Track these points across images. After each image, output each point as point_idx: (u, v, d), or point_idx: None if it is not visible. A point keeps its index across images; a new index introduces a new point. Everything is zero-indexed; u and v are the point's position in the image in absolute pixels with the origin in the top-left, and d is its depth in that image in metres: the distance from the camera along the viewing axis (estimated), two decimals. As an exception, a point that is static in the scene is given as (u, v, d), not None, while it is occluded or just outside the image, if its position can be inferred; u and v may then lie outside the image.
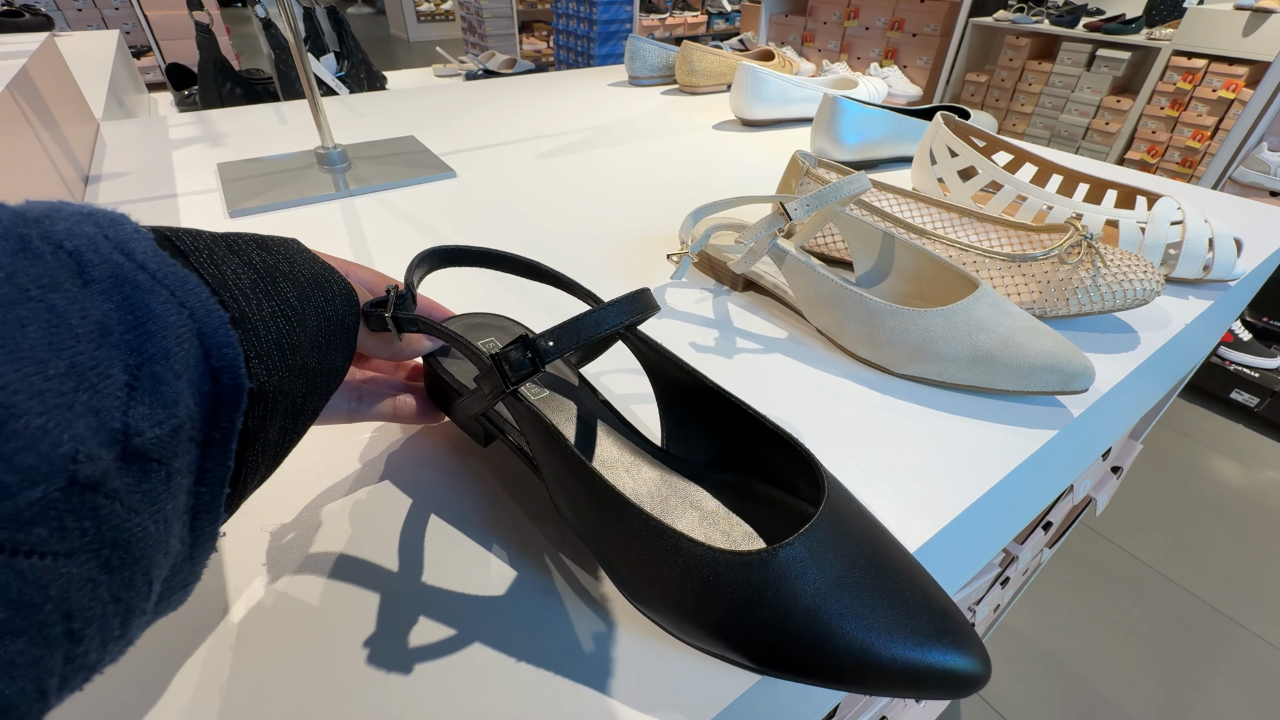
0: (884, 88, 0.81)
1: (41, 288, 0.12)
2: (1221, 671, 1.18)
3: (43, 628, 0.11)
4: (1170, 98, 2.47)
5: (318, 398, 0.20)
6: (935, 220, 0.45)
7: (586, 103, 0.89)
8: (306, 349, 0.19)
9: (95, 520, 0.12)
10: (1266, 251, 0.52)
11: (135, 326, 0.13)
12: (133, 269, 0.14)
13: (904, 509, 0.27)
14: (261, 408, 0.17)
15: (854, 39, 2.54)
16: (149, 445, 0.13)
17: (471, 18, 5.47)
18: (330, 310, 0.20)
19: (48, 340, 0.12)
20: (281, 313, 0.18)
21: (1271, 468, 1.63)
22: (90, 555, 0.12)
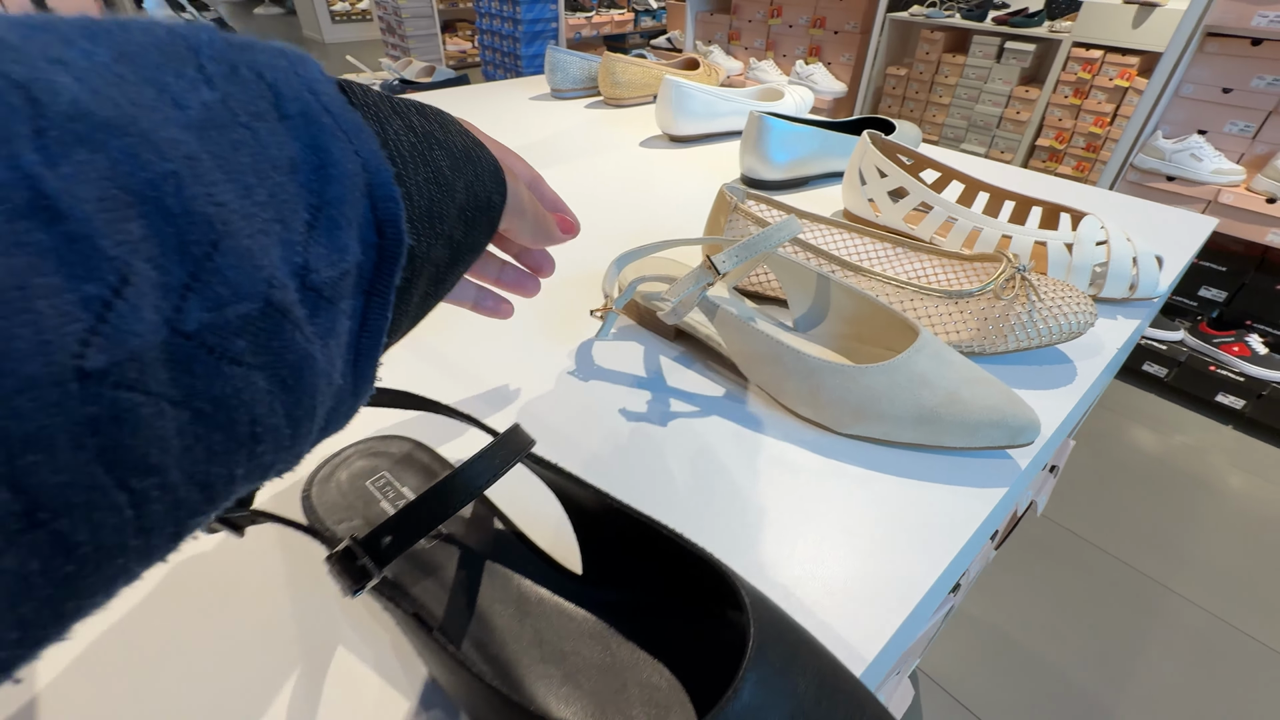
0: (809, 97, 0.80)
1: (249, 115, 0.12)
2: (1154, 633, 1.25)
3: (235, 426, 0.12)
4: (1073, 87, 2.62)
5: (459, 269, 0.20)
6: (869, 251, 0.43)
7: (506, 119, 0.84)
8: (454, 219, 0.19)
9: (280, 341, 0.13)
10: (1178, 255, 0.53)
11: (318, 168, 0.14)
12: (319, 110, 0.14)
13: (855, 606, 0.25)
14: (410, 269, 0.17)
15: (779, 36, 2.57)
16: (322, 283, 0.14)
17: (390, 18, 5.25)
18: (479, 186, 0.20)
19: (254, 167, 0.12)
20: (435, 179, 0.18)
21: (1180, 433, 1.75)
22: (272, 372, 0.13)
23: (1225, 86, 1.59)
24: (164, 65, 0.12)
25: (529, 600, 0.22)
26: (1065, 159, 2.79)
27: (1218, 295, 1.78)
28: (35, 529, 0.09)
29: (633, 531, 0.22)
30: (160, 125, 0.11)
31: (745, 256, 0.31)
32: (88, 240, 0.09)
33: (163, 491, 0.11)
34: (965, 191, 0.53)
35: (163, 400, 0.11)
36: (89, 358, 0.09)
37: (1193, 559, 1.40)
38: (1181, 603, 1.31)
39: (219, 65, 0.12)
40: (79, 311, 0.09)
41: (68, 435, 0.09)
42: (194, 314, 0.11)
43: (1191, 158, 1.62)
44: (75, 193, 0.09)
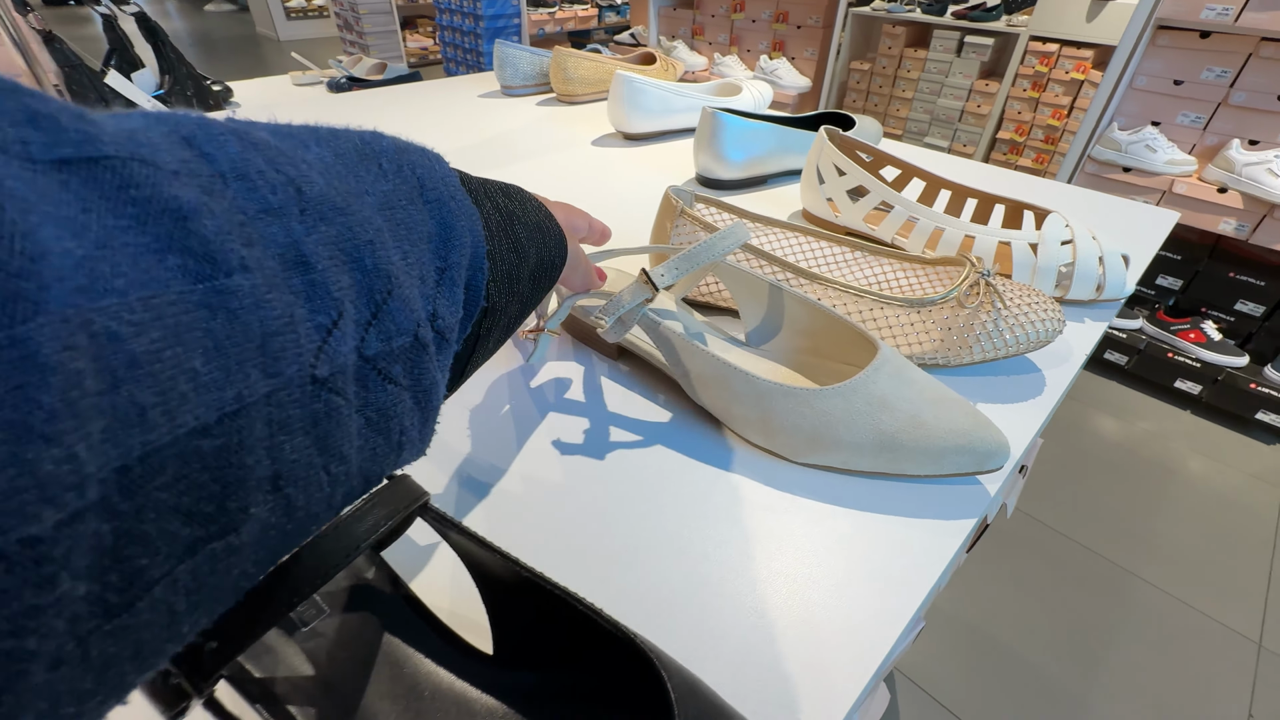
0: (769, 92, 0.78)
1: (407, 200, 0.17)
2: (1124, 621, 1.26)
3: (390, 432, 0.15)
4: (1031, 80, 2.66)
5: (523, 317, 0.24)
6: (827, 256, 0.41)
7: (453, 118, 0.79)
8: (526, 280, 0.22)
9: (420, 368, 0.16)
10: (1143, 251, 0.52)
11: (445, 239, 0.18)
12: (449, 195, 0.18)
13: (814, 663, 0.22)
14: (490, 321, 0.21)
15: (742, 31, 2.55)
16: (445, 327, 0.17)
17: (347, 14, 5.11)
18: (546, 252, 0.24)
19: (409, 237, 0.16)
20: (514, 249, 0.22)
21: (1143, 419, 1.78)
22: (415, 391, 0.16)
23: (1176, 79, 1.62)
24: (360, 164, 0.16)
25: (423, 691, 0.19)
26: (1025, 151, 2.84)
27: (1174, 283, 1.82)
28: (277, 492, 0.12)
29: (547, 605, 0.19)
30: (362, 208, 0.15)
31: (687, 269, 0.28)
32: (323, 286, 0.13)
33: (346, 478, 0.14)
34: (927, 189, 0.51)
35: (352, 409, 0.14)
36: (319, 367, 0.13)
37: (1158, 545, 1.42)
38: (1148, 588, 1.32)
39: (391, 163, 0.17)
40: (315, 335, 0.13)
41: (302, 424, 0.12)
42: (373, 343, 0.14)
43: (1146, 149, 1.65)
44: (318, 253, 0.13)
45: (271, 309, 0.11)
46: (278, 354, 0.11)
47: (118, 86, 0.83)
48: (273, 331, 0.11)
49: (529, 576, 0.18)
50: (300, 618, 0.20)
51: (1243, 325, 1.75)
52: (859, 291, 0.35)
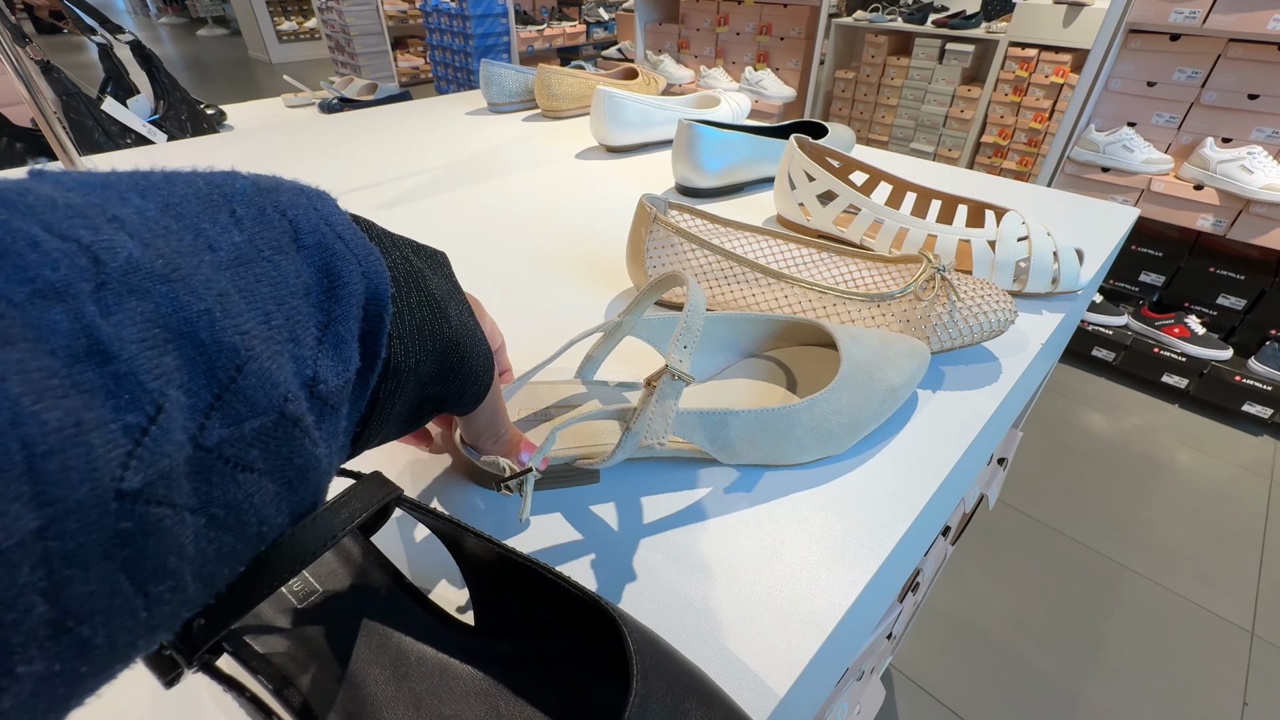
0: (746, 103, 0.80)
1: (272, 249, 0.14)
2: (1116, 614, 1.28)
3: (244, 527, 0.13)
4: (1012, 85, 2.71)
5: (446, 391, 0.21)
6: (796, 258, 0.43)
7: (440, 136, 0.82)
8: (446, 341, 0.20)
9: (290, 448, 0.14)
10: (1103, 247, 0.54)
11: (329, 290, 0.15)
12: (333, 238, 0.16)
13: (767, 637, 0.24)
14: (395, 381, 0.18)
15: (727, 44, 2.59)
16: (329, 393, 0.15)
17: (338, 36, 5.17)
18: (468, 317, 0.21)
19: (274, 295, 0.14)
20: (427, 303, 0.19)
21: (1132, 415, 1.80)
22: (281, 475, 0.14)
23: (1149, 80, 1.66)
24: (202, 213, 0.14)
25: (410, 659, 0.20)
26: (1009, 154, 2.89)
27: (1156, 280, 1.85)
28: (62, 635, 0.10)
29: (521, 578, 0.20)
30: (197, 269, 0.12)
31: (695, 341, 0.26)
32: (131, 376, 0.11)
33: (175, 592, 0.12)
34: (894, 192, 0.53)
35: (184, 510, 0.12)
36: (127, 480, 0.10)
37: (1148, 537, 1.44)
38: (1140, 580, 1.34)
39: (248, 208, 0.14)
40: (121, 439, 0.10)
41: (102, 549, 0.10)
42: (215, 430, 0.12)
43: (1123, 149, 1.69)
44: (123, 336, 0.11)
45: (41, 423, 0.09)
46: (55, 478, 0.09)
47: (114, 113, 0.86)
48: (46, 451, 0.09)
49: (503, 553, 0.20)
50: (295, 595, 0.22)
51: (1225, 319, 1.78)
52: (823, 289, 0.37)
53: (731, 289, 0.40)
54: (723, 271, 0.39)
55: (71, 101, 0.82)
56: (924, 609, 1.27)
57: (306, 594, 0.22)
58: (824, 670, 0.25)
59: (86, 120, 0.83)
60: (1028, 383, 0.41)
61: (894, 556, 0.28)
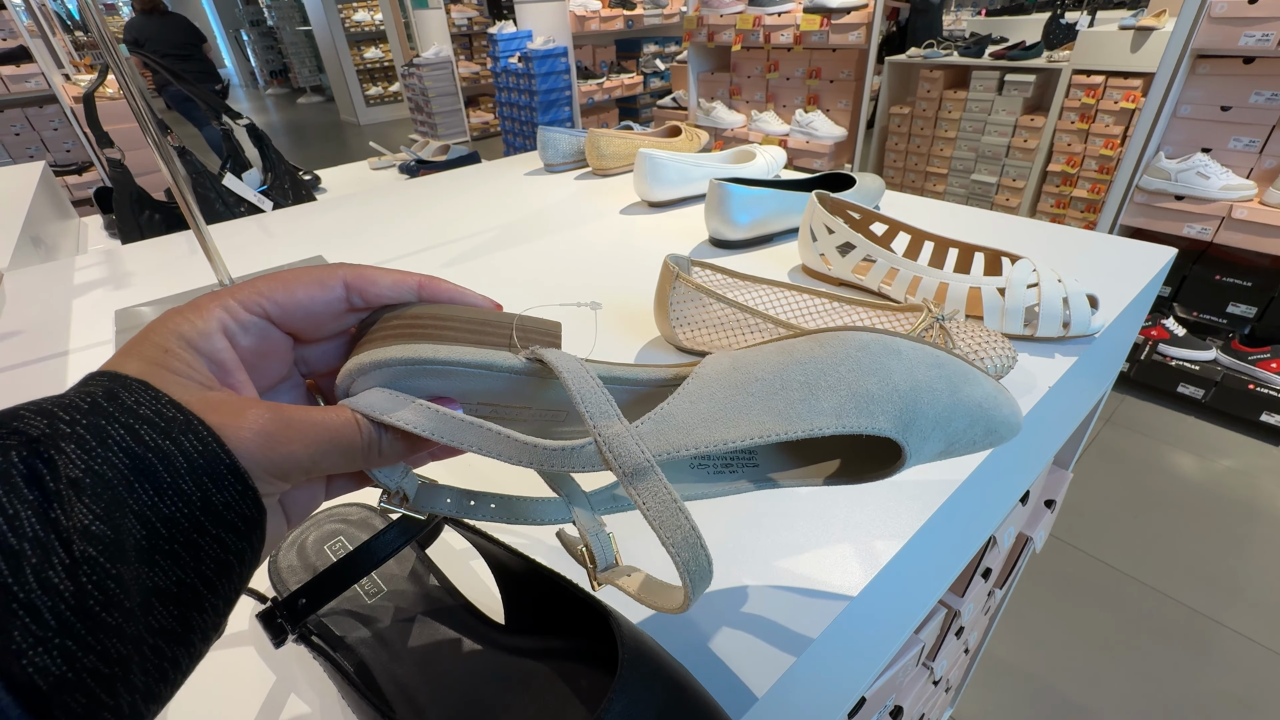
0: (781, 155, 0.85)
1: None
2: (1206, 674, 1.17)
3: None
4: (1078, 112, 2.64)
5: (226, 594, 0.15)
6: (809, 308, 0.46)
7: (502, 197, 0.91)
8: (142, 579, 0.13)
9: None
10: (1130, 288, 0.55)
11: None
12: None
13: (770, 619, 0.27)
14: (81, 696, 0.11)
15: (777, 89, 2.67)
16: None
17: (417, 98, 5.65)
18: (168, 504, 0.13)
19: None
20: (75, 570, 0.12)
21: (1226, 456, 1.67)
22: None
23: (1224, 105, 1.59)
24: None
25: (451, 649, 0.25)
26: (1079, 182, 2.78)
27: (1247, 311, 1.73)
28: None
29: (543, 585, 0.25)
30: None
31: None
32: None
33: None
34: (912, 241, 0.56)
35: None
36: None
37: (1247, 590, 1.31)
38: (1235, 638, 1.22)
39: None
40: None
41: None
42: None
43: (1198, 175, 1.61)
44: None
45: None
46: None
47: (232, 186, 1.00)
48: None
49: (529, 563, 0.25)
50: (365, 593, 0.27)
51: (1330, 352, 1.64)
52: (828, 338, 0.41)
53: (747, 338, 0.44)
54: (738, 322, 0.44)
55: (199, 179, 0.97)
56: (986, 658, 1.21)
57: (374, 592, 0.27)
58: (812, 678, 0.28)
59: (210, 194, 0.98)
60: (1045, 431, 0.43)
61: (884, 584, 0.30)
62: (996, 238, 0.68)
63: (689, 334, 0.46)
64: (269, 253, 0.77)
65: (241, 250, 0.78)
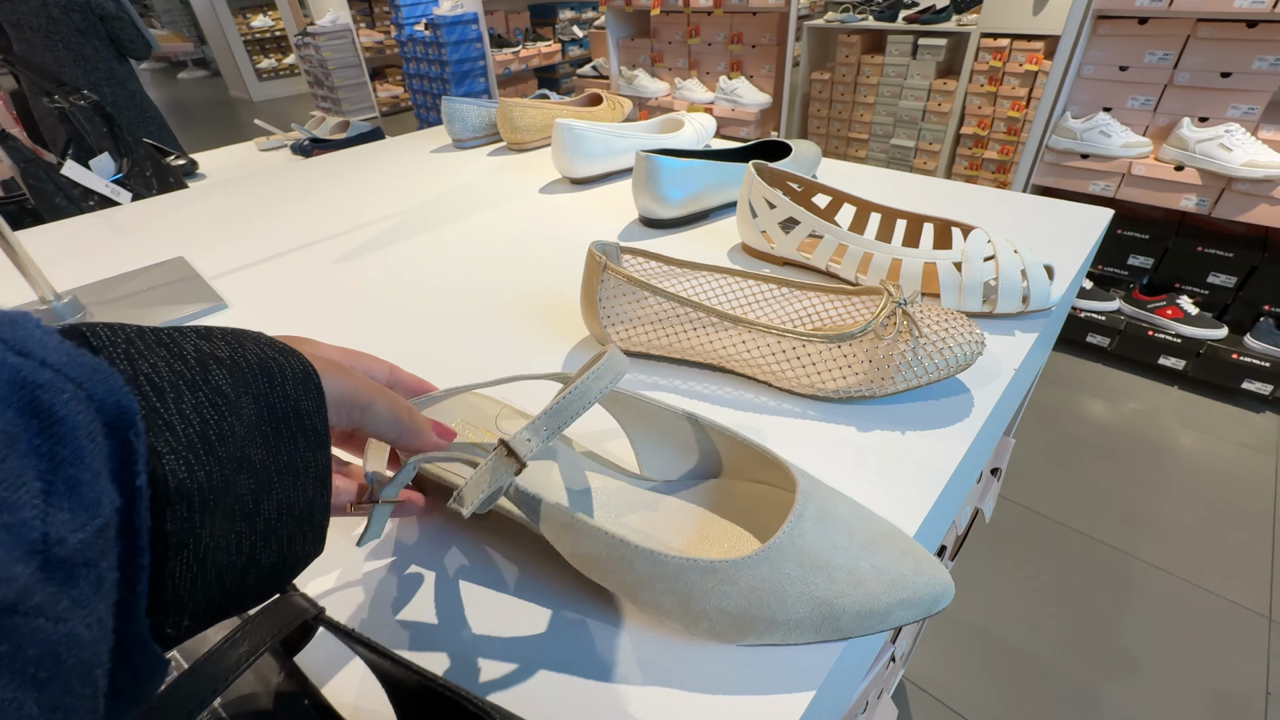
0: (711, 124, 0.79)
1: None
2: (1130, 608, 1.25)
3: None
4: (987, 75, 2.72)
5: (284, 494, 0.19)
6: (755, 295, 0.41)
7: (405, 177, 0.81)
8: (244, 437, 0.17)
9: (13, 642, 0.11)
10: (1076, 253, 0.53)
11: (42, 430, 0.13)
12: (34, 368, 0.13)
13: None
14: (186, 508, 0.16)
15: (700, 55, 2.60)
16: (73, 551, 0.12)
17: (316, 71, 5.20)
18: (275, 396, 0.19)
19: None
20: (210, 402, 0.17)
21: (1131, 399, 1.78)
22: (11, 676, 0.11)
23: (1121, 64, 1.66)
24: None
25: None
26: (989, 144, 2.88)
27: (1145, 262, 1.84)
28: None
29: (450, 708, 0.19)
30: None
31: (558, 427, 0.23)
32: None
33: None
34: (858, 214, 0.52)
35: None
36: None
37: (1157, 525, 1.41)
38: (1151, 571, 1.32)
39: None
40: None
41: None
42: None
43: (1101, 134, 1.68)
44: None
45: None
46: None
47: (75, 176, 0.85)
48: None
49: (426, 681, 0.19)
50: None
51: (1217, 297, 1.77)
52: (781, 332, 0.36)
53: (689, 335, 0.38)
54: (679, 317, 0.38)
55: (31, 168, 0.81)
56: (932, 619, 1.24)
57: None
58: None
59: (46, 186, 0.82)
60: (1004, 410, 0.40)
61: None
62: (930, 204, 0.65)
63: (623, 332, 0.40)
64: (120, 254, 0.65)
65: (86, 253, 0.65)
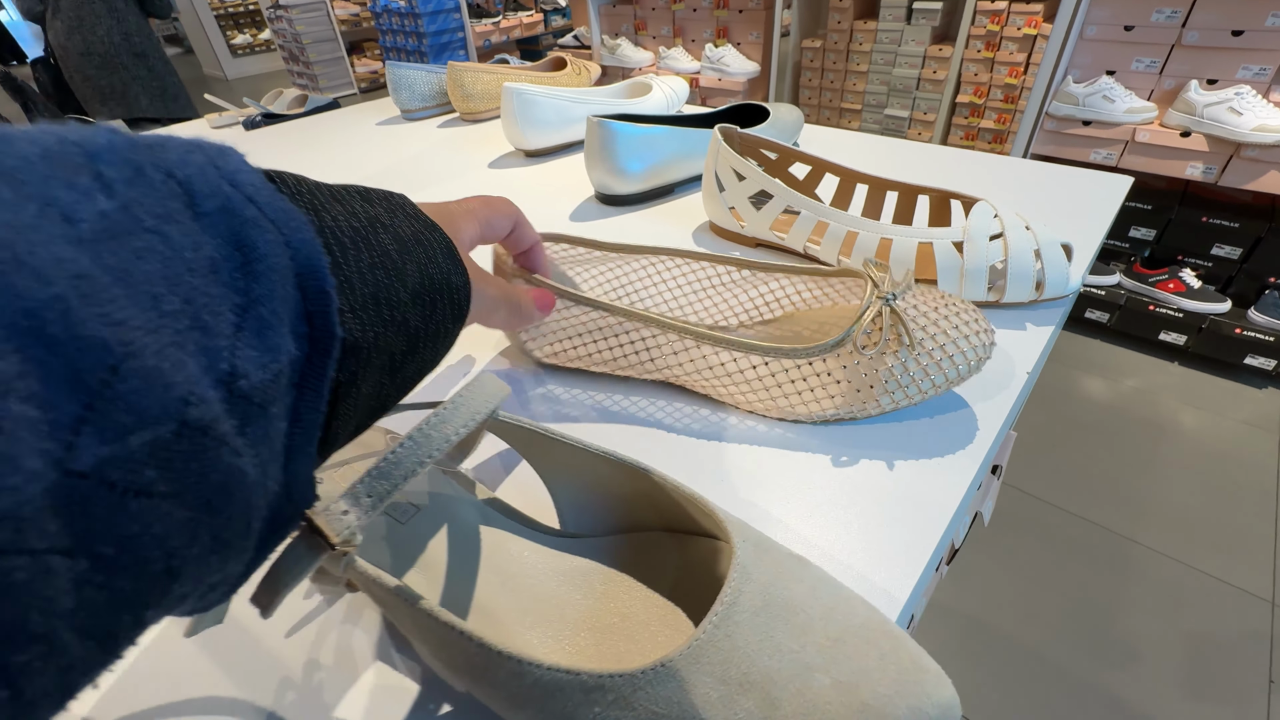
0: (683, 89, 0.71)
1: (156, 218, 0.12)
2: (1129, 594, 1.21)
3: (146, 565, 0.11)
4: (984, 40, 2.61)
5: (423, 357, 0.19)
6: (710, 281, 0.34)
7: (347, 151, 0.73)
8: (407, 304, 0.18)
9: (201, 463, 0.11)
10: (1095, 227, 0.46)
11: (243, 265, 0.13)
12: (242, 202, 0.13)
13: None
14: (355, 361, 0.16)
15: (684, 22, 2.48)
16: (253, 389, 0.12)
17: (291, 46, 5.02)
18: (433, 268, 0.19)
19: (164, 274, 0.11)
20: (380, 264, 0.17)
21: (1130, 377, 1.73)
22: (194, 496, 0.11)
23: (1126, 24, 1.57)
24: (52, 177, 0.10)
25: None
26: (986, 113, 2.79)
27: (1147, 234, 1.77)
28: None
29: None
30: (41, 245, 0.10)
31: (387, 491, 0.17)
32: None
33: (48, 660, 0.09)
34: (842, 185, 0.45)
35: (52, 554, 0.09)
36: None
37: (1156, 507, 1.37)
38: (1150, 555, 1.27)
39: (120, 169, 0.11)
40: None
41: None
42: (89, 450, 0.09)
43: (1103, 99, 1.60)
44: None
45: None
46: None
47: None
48: None
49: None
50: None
51: (1221, 270, 1.71)
52: (734, 344, 0.29)
53: (623, 349, 0.31)
54: (610, 329, 0.31)
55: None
56: (926, 608, 1.20)
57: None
58: None
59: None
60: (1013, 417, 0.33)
61: None
62: (926, 173, 0.58)
63: (545, 347, 0.32)
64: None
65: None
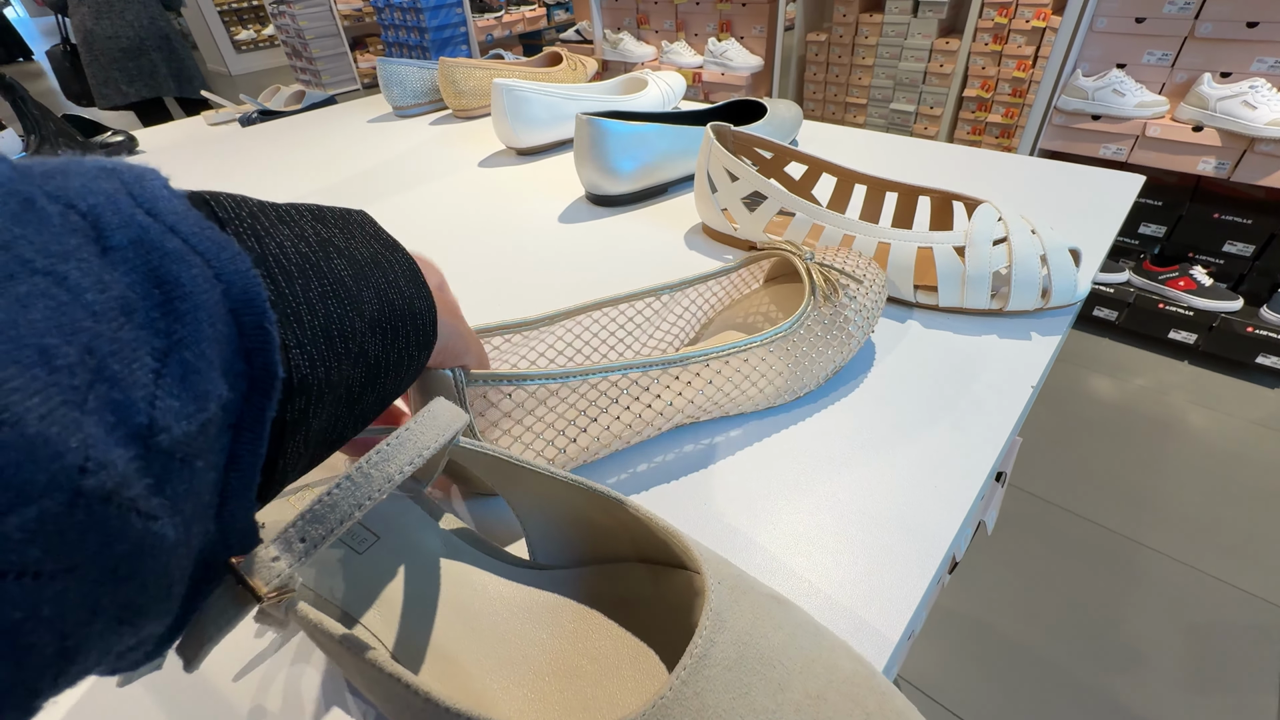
0: (680, 84, 0.70)
1: (50, 257, 0.10)
2: (1135, 598, 1.19)
3: (31, 650, 0.09)
4: (991, 33, 2.58)
5: (384, 387, 0.18)
6: (639, 315, 0.33)
7: (336, 149, 0.71)
8: (365, 333, 0.16)
9: (103, 533, 0.10)
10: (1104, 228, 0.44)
11: (163, 304, 0.11)
12: (161, 233, 0.12)
13: None
14: (304, 399, 0.14)
15: (687, 16, 2.46)
16: (175, 444, 0.11)
17: (294, 41, 5.01)
18: (394, 292, 0.18)
19: (56, 322, 0.10)
20: (334, 293, 0.15)
21: (1138, 375, 1.71)
22: (95, 569, 0.10)
23: (1138, 16, 1.54)
24: None
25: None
26: (993, 107, 2.75)
27: (1157, 231, 1.74)
28: None
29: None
30: None
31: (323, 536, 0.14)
32: None
33: None
34: (839, 185, 0.43)
35: None
36: None
37: (1162, 509, 1.35)
38: (1155, 557, 1.25)
39: (3, 205, 0.10)
40: None
41: None
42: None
43: (1114, 93, 1.57)
44: None
45: None
46: None
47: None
48: None
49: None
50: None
51: (1233, 267, 1.68)
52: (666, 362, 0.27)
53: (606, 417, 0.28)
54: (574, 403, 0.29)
55: (-91, 147, 0.72)
56: (930, 608, 1.19)
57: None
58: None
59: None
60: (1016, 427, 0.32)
61: None
62: (928, 173, 0.56)
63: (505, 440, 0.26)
64: None
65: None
